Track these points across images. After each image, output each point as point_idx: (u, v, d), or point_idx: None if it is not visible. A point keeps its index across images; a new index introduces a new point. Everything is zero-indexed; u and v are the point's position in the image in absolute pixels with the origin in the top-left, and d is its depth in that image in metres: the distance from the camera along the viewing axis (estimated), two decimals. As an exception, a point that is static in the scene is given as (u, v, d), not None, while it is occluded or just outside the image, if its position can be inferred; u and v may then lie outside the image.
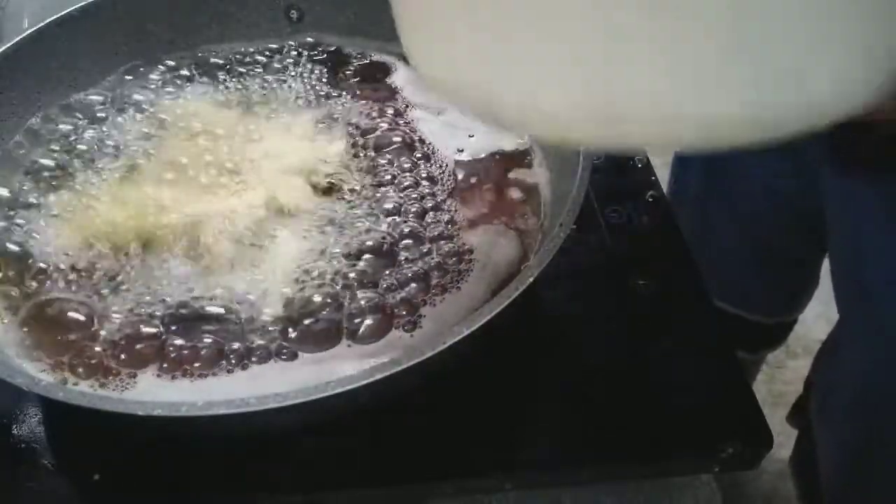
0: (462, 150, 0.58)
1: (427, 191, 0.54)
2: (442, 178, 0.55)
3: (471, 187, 0.55)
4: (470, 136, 0.59)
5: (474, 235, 0.52)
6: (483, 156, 0.57)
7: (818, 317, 1.13)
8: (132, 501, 0.45)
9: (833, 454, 0.73)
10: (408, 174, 0.55)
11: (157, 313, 0.46)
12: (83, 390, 0.42)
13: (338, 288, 0.47)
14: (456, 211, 0.53)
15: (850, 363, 0.68)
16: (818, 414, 0.77)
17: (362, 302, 0.47)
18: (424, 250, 0.50)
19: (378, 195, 0.54)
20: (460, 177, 0.56)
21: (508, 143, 0.58)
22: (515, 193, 0.55)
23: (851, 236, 0.62)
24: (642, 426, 0.47)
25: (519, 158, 0.57)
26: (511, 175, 0.56)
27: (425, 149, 0.58)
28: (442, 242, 0.51)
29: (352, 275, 0.48)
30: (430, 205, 0.53)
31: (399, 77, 0.64)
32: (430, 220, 0.52)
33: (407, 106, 0.62)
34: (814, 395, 0.80)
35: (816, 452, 0.76)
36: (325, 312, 0.46)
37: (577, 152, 0.47)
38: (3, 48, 0.56)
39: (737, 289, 0.85)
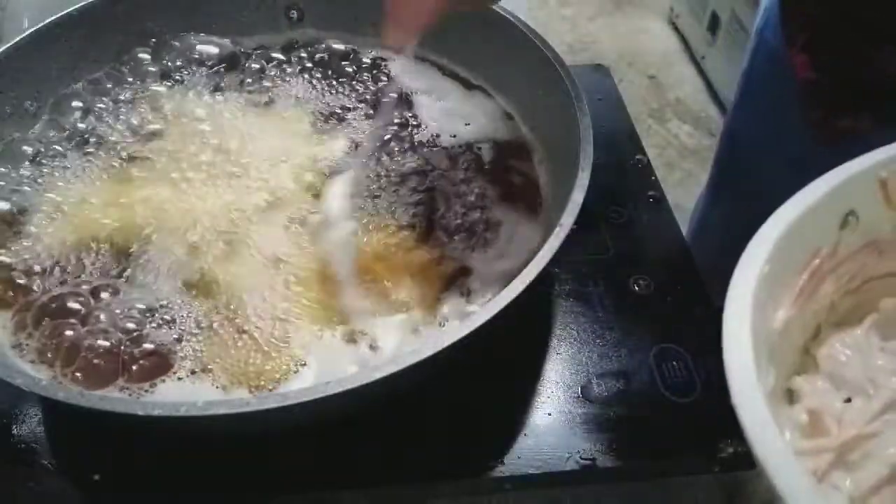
0: (454, 136, 0.58)
1: (438, 174, 0.55)
2: (445, 163, 0.56)
3: (476, 172, 0.56)
4: (466, 124, 0.60)
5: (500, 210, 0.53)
6: (481, 142, 0.58)
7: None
8: (132, 501, 0.45)
9: None
10: (411, 161, 0.56)
11: (163, 317, 0.46)
12: (83, 390, 0.42)
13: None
14: (464, 195, 0.54)
15: None
16: None
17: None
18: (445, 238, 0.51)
19: (380, 185, 0.54)
20: (461, 162, 0.56)
21: (502, 134, 0.59)
22: (517, 178, 0.56)
23: None
24: (642, 426, 0.47)
25: (518, 153, 0.58)
26: (511, 163, 0.57)
27: (427, 135, 0.58)
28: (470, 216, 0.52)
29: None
30: (442, 189, 0.54)
31: (397, 66, 0.64)
32: (445, 204, 0.53)
33: (407, 94, 0.62)
34: None
35: None
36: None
37: (577, 152, 0.47)
38: (4, 48, 0.55)
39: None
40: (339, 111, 0.60)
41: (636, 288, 0.55)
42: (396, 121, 0.60)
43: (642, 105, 1.88)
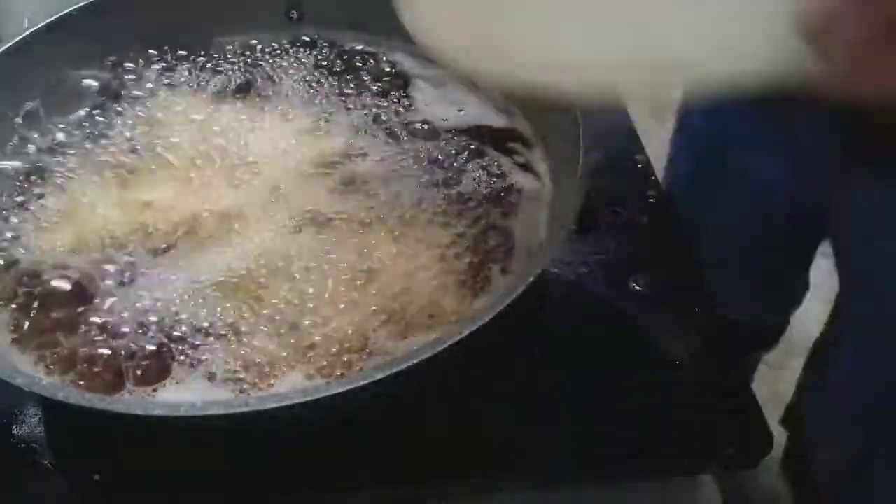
0: (446, 120, 0.59)
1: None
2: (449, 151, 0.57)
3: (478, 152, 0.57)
4: (459, 110, 0.60)
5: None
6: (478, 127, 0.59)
7: (819, 316, 1.13)
8: (132, 501, 0.45)
9: (830, 454, 0.74)
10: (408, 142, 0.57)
11: (166, 322, 0.46)
12: (83, 390, 0.42)
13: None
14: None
15: (850, 363, 0.68)
16: (813, 414, 0.77)
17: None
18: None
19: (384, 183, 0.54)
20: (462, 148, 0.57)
21: (500, 124, 0.59)
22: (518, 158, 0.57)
23: (862, 241, 0.62)
24: (642, 426, 0.47)
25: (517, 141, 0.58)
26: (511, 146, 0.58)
27: (420, 116, 0.59)
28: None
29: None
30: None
31: (397, 59, 0.65)
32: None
33: (405, 78, 0.62)
34: (807, 397, 0.80)
35: (808, 453, 0.76)
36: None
37: (577, 152, 0.47)
38: (4, 48, 0.56)
39: (727, 291, 0.85)
40: (340, 106, 0.60)
41: (636, 288, 0.54)
42: (392, 103, 0.60)
43: (642, 105, 1.87)
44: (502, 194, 0.54)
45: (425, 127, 0.59)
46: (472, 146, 0.57)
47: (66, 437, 0.47)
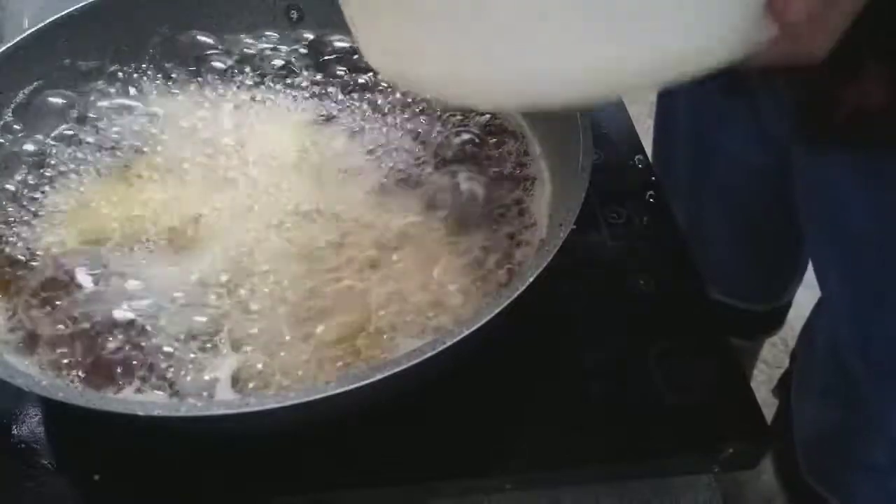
0: (446, 116, 0.59)
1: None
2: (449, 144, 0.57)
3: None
4: (457, 105, 0.60)
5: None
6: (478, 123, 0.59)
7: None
8: (132, 501, 0.45)
9: (809, 420, 0.77)
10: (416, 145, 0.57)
11: (163, 322, 0.46)
12: (83, 390, 0.42)
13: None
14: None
15: (826, 330, 0.69)
16: (797, 382, 0.80)
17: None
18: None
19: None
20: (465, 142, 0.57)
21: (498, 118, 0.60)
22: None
23: (828, 217, 0.62)
24: (642, 426, 0.47)
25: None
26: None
27: (426, 121, 0.59)
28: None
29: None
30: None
31: None
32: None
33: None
34: (795, 367, 0.82)
35: (793, 419, 0.79)
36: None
37: (577, 151, 0.47)
38: (4, 48, 0.55)
39: (727, 276, 0.85)
40: (340, 104, 0.60)
41: (636, 288, 0.54)
42: (392, 101, 0.61)
43: (642, 105, 1.87)
44: (504, 191, 0.54)
45: (426, 123, 0.59)
46: (473, 142, 0.57)
47: (66, 437, 0.47)
